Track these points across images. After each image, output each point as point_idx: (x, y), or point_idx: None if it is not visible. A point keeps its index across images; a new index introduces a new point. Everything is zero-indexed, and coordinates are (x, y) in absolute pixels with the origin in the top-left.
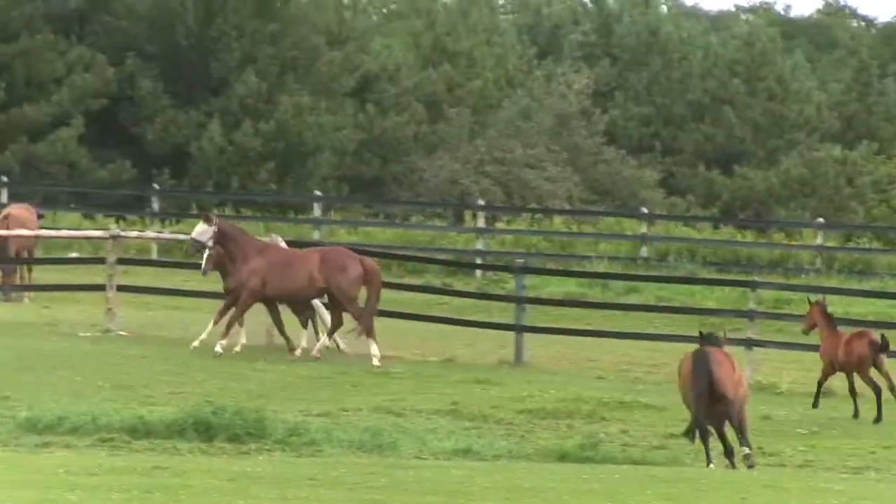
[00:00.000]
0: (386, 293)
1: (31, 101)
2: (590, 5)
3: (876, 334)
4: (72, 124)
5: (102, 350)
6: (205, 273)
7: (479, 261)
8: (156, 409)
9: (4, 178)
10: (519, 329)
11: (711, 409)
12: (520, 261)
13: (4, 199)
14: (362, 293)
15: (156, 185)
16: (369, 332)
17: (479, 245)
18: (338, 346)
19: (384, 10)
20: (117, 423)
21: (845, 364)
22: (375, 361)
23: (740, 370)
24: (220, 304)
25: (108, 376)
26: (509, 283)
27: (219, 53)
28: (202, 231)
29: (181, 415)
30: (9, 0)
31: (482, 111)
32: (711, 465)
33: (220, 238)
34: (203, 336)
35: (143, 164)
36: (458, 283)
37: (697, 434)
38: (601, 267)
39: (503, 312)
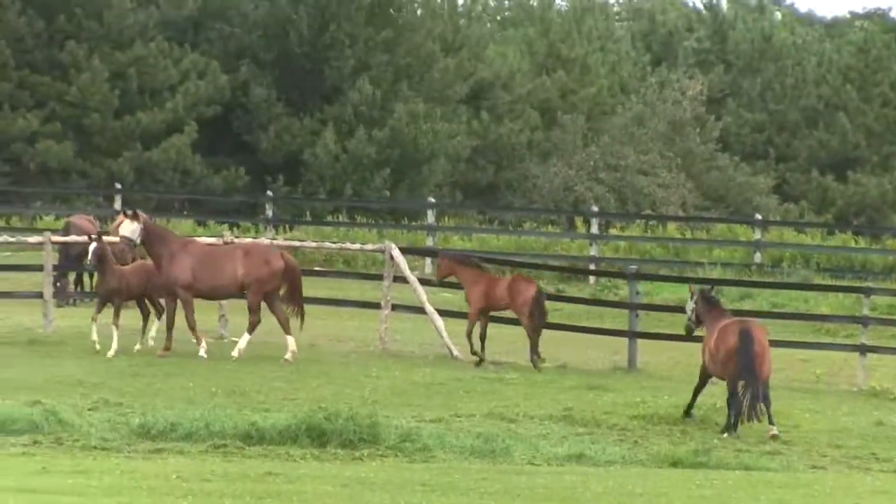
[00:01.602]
0: None
1: (144, 108)
2: (704, 12)
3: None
4: (185, 131)
5: (216, 356)
6: (90, 264)
7: (592, 267)
8: (269, 415)
9: (118, 186)
10: (632, 335)
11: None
12: (633, 267)
13: (118, 205)
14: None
15: (270, 192)
16: (287, 328)
17: (593, 251)
18: (451, 353)
19: (498, 18)
20: (230, 430)
21: (504, 305)
22: (289, 356)
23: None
24: (330, 310)
25: (221, 382)
26: (622, 290)
27: (332, 61)
28: (133, 229)
29: (294, 421)
30: (123, 8)
31: (596, 118)
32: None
33: (146, 236)
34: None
35: (257, 172)
36: (571, 290)
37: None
38: (714, 273)
39: (616, 319)
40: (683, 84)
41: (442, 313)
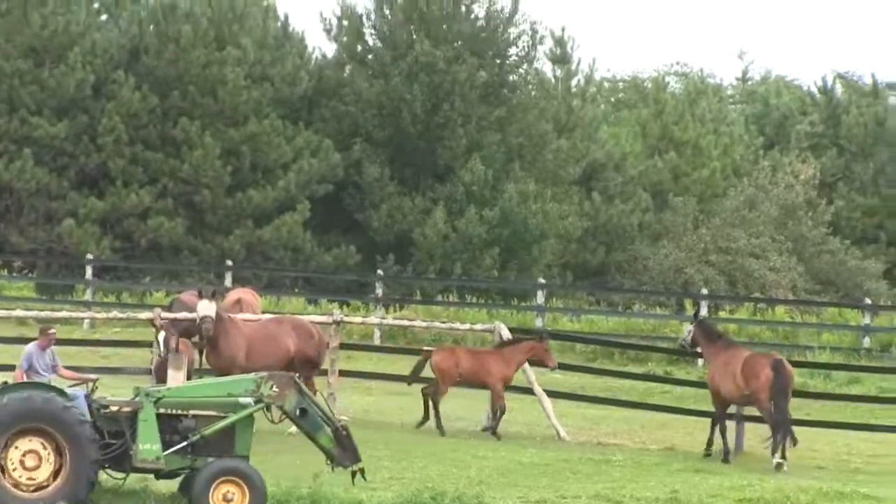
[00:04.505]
0: (608, 381)
1: (257, 185)
2: (818, 96)
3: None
4: (297, 209)
5: None
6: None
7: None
8: (376, 493)
9: (229, 263)
10: (739, 418)
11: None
12: None
13: (228, 282)
14: None
15: (380, 271)
16: None
17: None
18: (558, 434)
19: (612, 99)
20: None
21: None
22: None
23: None
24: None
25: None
26: None
27: (445, 140)
28: (212, 307)
29: (400, 500)
30: (238, 85)
31: (707, 200)
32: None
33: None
34: None
35: (368, 250)
36: (679, 372)
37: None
38: (823, 357)
39: None
40: (796, 168)
41: (550, 394)
